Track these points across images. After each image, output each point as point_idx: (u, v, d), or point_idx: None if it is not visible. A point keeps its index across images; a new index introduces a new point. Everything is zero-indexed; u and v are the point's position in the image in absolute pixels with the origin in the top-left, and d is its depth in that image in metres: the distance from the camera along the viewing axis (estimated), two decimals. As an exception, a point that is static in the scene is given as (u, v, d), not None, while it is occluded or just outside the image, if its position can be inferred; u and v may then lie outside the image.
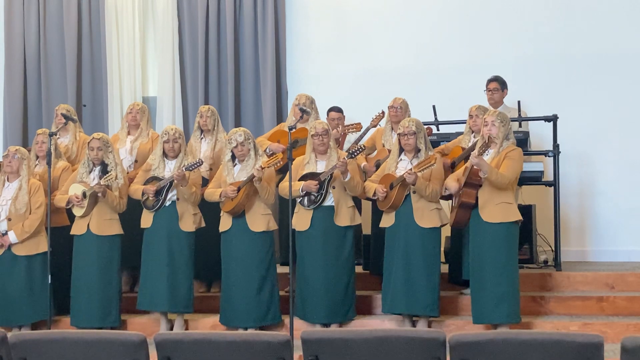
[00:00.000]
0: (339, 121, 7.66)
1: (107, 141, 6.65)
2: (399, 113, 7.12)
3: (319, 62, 9.18)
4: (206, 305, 6.93)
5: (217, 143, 7.13)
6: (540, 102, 8.01)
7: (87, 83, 9.53)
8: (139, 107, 7.39)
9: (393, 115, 7.16)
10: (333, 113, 7.75)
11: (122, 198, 6.59)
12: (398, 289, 6.22)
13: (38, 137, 7.03)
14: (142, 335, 3.95)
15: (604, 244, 8.42)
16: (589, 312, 6.57)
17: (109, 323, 6.49)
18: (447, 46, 8.89)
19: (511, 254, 6.03)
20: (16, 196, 6.58)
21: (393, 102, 7.21)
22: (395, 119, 7.12)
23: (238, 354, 3.89)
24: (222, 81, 9.29)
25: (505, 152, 6.01)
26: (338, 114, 7.74)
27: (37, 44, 9.53)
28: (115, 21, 9.43)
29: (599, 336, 3.69)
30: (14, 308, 6.55)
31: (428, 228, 6.22)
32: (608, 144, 8.50)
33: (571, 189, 8.43)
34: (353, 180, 6.30)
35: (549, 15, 8.73)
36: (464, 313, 6.53)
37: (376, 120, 7.54)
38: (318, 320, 6.38)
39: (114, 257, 6.57)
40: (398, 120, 7.00)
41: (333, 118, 7.67)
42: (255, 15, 9.23)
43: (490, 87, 7.63)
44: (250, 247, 6.42)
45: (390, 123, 7.20)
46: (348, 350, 3.86)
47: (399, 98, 7.21)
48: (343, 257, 6.40)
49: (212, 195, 6.53)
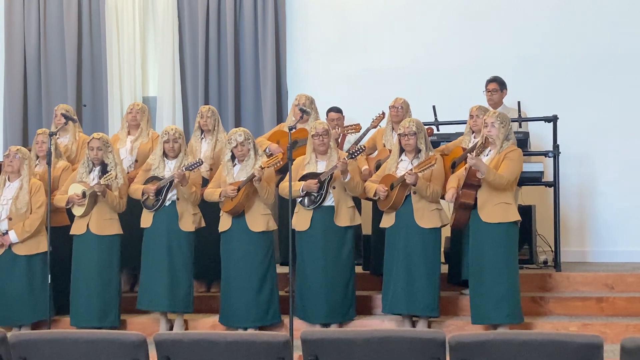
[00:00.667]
0: (338, 121, 7.66)
1: (107, 141, 6.65)
2: (400, 113, 7.12)
3: (319, 62, 9.18)
4: (206, 305, 6.93)
5: (218, 143, 7.13)
6: (540, 102, 8.01)
7: (87, 83, 9.53)
8: (139, 107, 7.39)
9: (394, 115, 7.16)
10: (332, 113, 7.74)
11: (121, 198, 6.59)
12: (398, 289, 6.23)
13: (38, 137, 7.03)
14: (141, 335, 3.95)
15: (603, 244, 8.42)
16: (589, 313, 6.57)
17: (109, 323, 6.48)
18: (447, 46, 8.88)
19: (510, 254, 6.03)
20: (17, 196, 6.58)
21: (394, 102, 7.21)
22: (396, 119, 7.12)
23: (238, 354, 3.89)
24: (222, 81, 9.29)
25: (505, 153, 6.01)
26: (337, 114, 7.74)
27: (37, 43, 9.53)
28: (115, 21, 9.43)
29: (599, 337, 3.69)
30: (14, 308, 6.55)
31: (428, 228, 6.23)
32: (608, 145, 8.50)
33: (571, 190, 8.43)
34: (353, 181, 6.30)
35: (549, 15, 8.73)
36: (463, 313, 6.53)
37: (376, 121, 7.54)
38: (318, 321, 6.38)
39: (114, 257, 6.57)
40: (399, 120, 7.00)
41: (332, 118, 7.67)
42: (256, 16, 9.23)
43: (490, 88, 7.62)
44: (250, 247, 6.42)
45: (391, 123, 7.20)
46: (348, 350, 3.86)
47: (400, 98, 7.21)
48: (343, 257, 6.40)
49: (211, 195, 6.53)
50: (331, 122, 7.56)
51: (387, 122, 7.30)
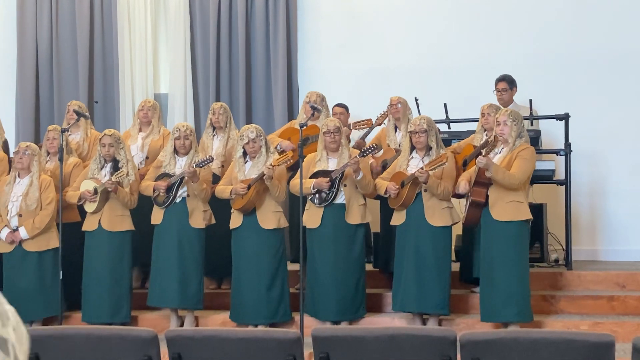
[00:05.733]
0: (342, 116, 7.65)
1: (119, 138, 6.67)
2: (400, 110, 7.10)
3: (329, 60, 9.17)
4: (216, 302, 6.94)
5: (229, 140, 7.13)
6: (551, 100, 7.97)
7: (98, 80, 9.55)
8: (150, 104, 7.40)
9: (395, 112, 7.13)
10: (337, 108, 7.75)
11: (133, 194, 6.61)
12: (409, 287, 6.22)
13: (49, 133, 7.05)
14: (153, 332, 3.96)
15: (615, 243, 8.39)
16: (600, 312, 6.55)
17: (120, 319, 6.51)
18: (457, 44, 8.86)
19: (521, 252, 6.02)
20: (27, 192, 6.60)
21: (391, 101, 7.18)
22: (397, 115, 7.10)
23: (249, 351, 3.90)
24: (234, 78, 9.30)
25: (518, 151, 5.98)
26: (341, 109, 7.74)
27: (49, 40, 9.56)
28: (127, 18, 9.44)
29: (610, 335, 3.68)
30: (25, 304, 6.55)
31: (439, 226, 6.22)
32: (620, 143, 8.46)
33: (582, 188, 8.40)
34: (365, 179, 6.30)
35: (561, 13, 8.69)
36: (474, 311, 6.51)
37: (381, 119, 7.48)
38: (328, 318, 6.38)
39: (125, 253, 6.59)
40: (399, 117, 7.00)
41: (336, 112, 7.67)
42: (267, 13, 9.23)
43: (499, 87, 7.57)
44: (260, 244, 6.42)
45: (394, 122, 7.19)
46: (359, 348, 3.86)
47: (395, 96, 7.18)
48: (353, 255, 6.40)
49: (222, 192, 6.53)
50: (334, 116, 7.58)
51: (388, 121, 7.28)
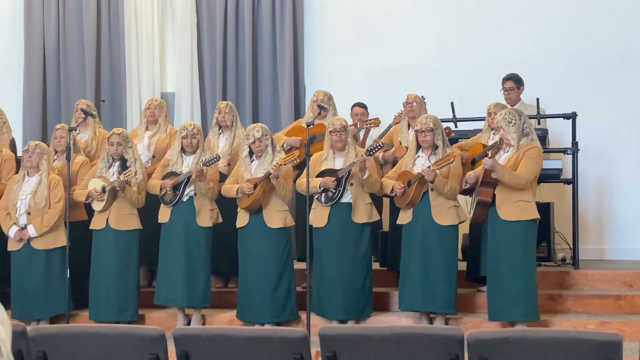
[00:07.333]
0: (362, 117, 7.67)
1: (127, 136, 6.68)
2: (415, 108, 7.08)
3: (336, 58, 9.17)
4: (223, 300, 6.94)
5: (236, 139, 7.13)
6: (559, 99, 7.96)
7: (106, 78, 9.57)
8: (157, 102, 7.40)
9: (409, 111, 7.11)
10: (357, 108, 7.81)
11: (140, 193, 6.61)
12: (415, 286, 6.21)
13: (57, 132, 7.06)
14: (160, 330, 3.97)
15: (622, 242, 8.37)
16: (607, 311, 6.54)
17: (127, 317, 6.51)
18: (464, 43, 8.85)
19: (528, 252, 6.00)
20: (36, 190, 6.61)
21: (407, 99, 7.18)
22: (411, 114, 7.08)
23: (256, 349, 3.90)
24: (240, 77, 9.31)
25: (524, 151, 5.94)
26: (361, 109, 7.78)
27: (56, 39, 9.58)
28: (134, 17, 9.46)
29: (618, 335, 3.67)
30: (33, 302, 6.59)
31: (446, 225, 6.21)
32: (627, 142, 8.45)
33: (590, 187, 8.39)
34: (371, 178, 6.29)
35: (569, 11, 8.67)
36: (481, 310, 6.51)
37: (399, 118, 7.48)
38: (335, 317, 6.38)
39: (133, 252, 6.60)
40: (414, 116, 6.99)
41: (356, 113, 7.72)
42: (274, 11, 9.24)
43: (506, 87, 7.56)
44: (267, 243, 6.42)
45: (407, 120, 7.18)
46: (366, 346, 3.86)
47: (412, 94, 7.16)
48: (360, 254, 6.39)
49: (229, 191, 6.54)
50: (355, 116, 7.60)
51: (402, 119, 7.27)
